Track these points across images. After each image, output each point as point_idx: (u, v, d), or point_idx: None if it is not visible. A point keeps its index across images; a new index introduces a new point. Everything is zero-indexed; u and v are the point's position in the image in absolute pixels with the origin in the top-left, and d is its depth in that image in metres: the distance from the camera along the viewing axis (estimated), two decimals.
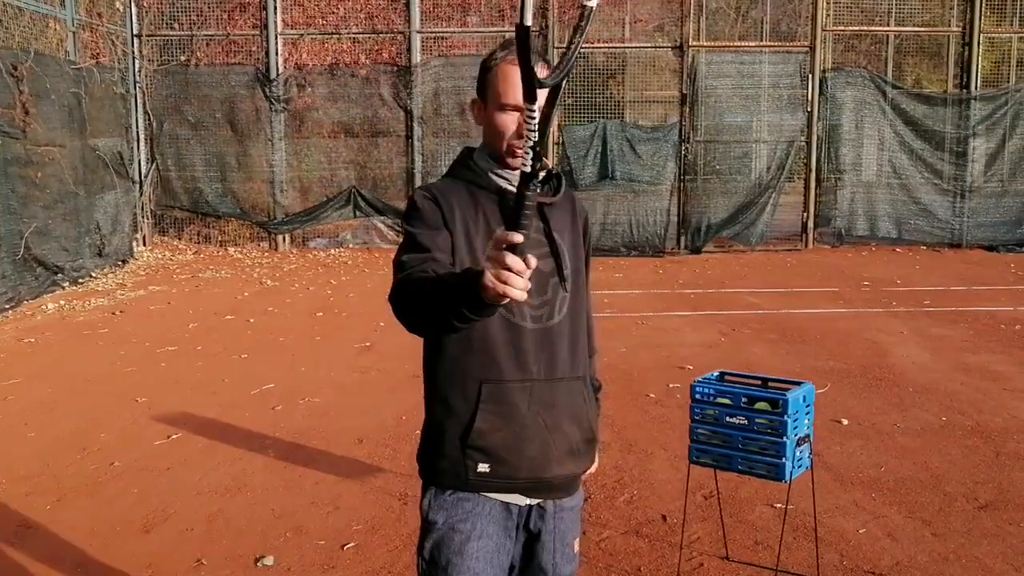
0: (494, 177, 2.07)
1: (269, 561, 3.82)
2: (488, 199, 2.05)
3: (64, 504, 4.46)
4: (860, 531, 4.05)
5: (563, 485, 2.12)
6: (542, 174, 1.65)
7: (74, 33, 11.32)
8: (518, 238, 1.55)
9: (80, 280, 10.76)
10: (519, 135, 1.99)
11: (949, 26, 14.07)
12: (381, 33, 13.36)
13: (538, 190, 1.60)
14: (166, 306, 9.58)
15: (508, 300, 1.56)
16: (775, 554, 3.73)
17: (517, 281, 1.54)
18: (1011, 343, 7.61)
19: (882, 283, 10.67)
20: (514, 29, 1.49)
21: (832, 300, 9.67)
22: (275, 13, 13.07)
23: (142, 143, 13.21)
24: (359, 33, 13.36)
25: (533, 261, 1.56)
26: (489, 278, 1.55)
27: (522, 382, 2.01)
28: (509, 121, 2.01)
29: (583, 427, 2.13)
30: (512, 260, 1.53)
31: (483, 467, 2.01)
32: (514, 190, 1.90)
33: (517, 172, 2.02)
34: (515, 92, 1.97)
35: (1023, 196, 13.79)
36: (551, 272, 2.07)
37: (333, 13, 13.34)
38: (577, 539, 2.20)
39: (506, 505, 2.06)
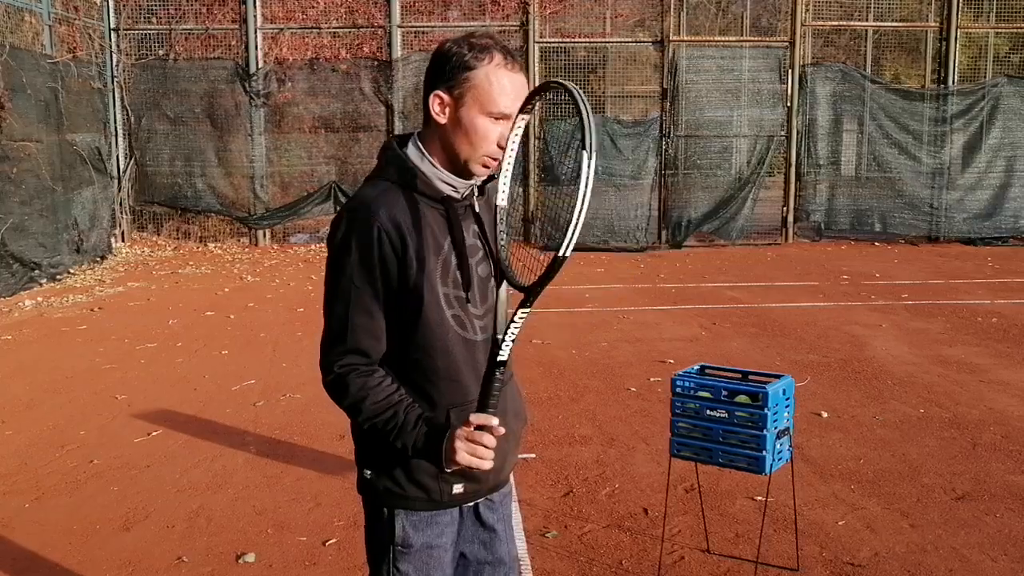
0: (439, 184, 1.93)
1: (251, 558, 3.81)
2: (431, 209, 1.92)
3: (42, 502, 4.42)
4: (839, 523, 4.08)
5: (508, 475, 2.18)
6: (505, 352, 1.80)
7: (50, 27, 11.21)
8: (494, 422, 1.77)
9: (58, 276, 10.67)
10: (500, 146, 1.87)
11: (927, 21, 14.17)
12: (361, 28, 13.31)
13: (503, 369, 1.80)
14: (145, 302, 9.52)
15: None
16: (755, 546, 3.76)
17: (488, 455, 1.78)
18: (988, 336, 7.68)
19: (861, 277, 10.75)
20: (490, 26, 1.52)
21: (811, 294, 9.74)
22: (254, 7, 13.00)
23: (120, 138, 13.12)
24: (339, 28, 13.31)
25: (501, 430, 1.78)
26: (464, 457, 1.77)
27: None
28: (493, 130, 1.87)
29: (520, 417, 2.18)
30: (488, 439, 1.76)
31: (458, 488, 2.00)
32: (458, 197, 1.96)
33: (470, 178, 1.95)
34: (508, 101, 1.85)
35: (1000, 190, 13.94)
36: (488, 276, 2.01)
37: (313, 7, 13.27)
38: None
39: (460, 508, 2.08)
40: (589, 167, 1.60)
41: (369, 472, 2.01)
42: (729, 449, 3.42)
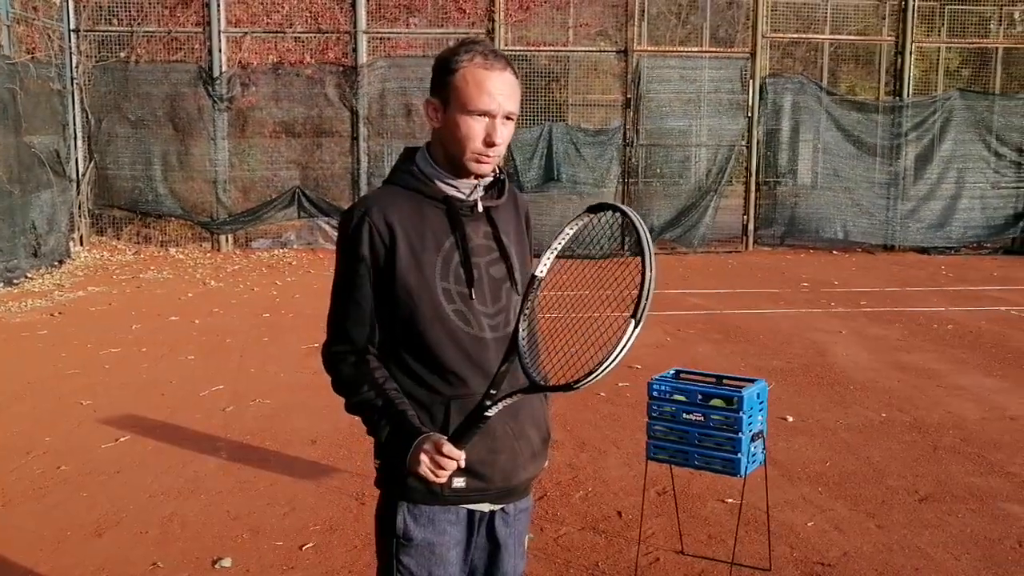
0: (441, 185, 2.01)
1: (227, 562, 3.80)
2: (434, 209, 2.00)
3: (10, 509, 4.36)
4: (808, 524, 4.18)
5: (524, 488, 2.16)
6: (491, 412, 1.85)
7: (8, 27, 11.01)
8: (461, 458, 1.86)
9: (15, 281, 10.47)
10: (487, 143, 1.94)
11: (882, 35, 14.51)
12: (326, 33, 13.28)
13: (490, 412, 1.85)
14: (107, 307, 9.39)
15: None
16: (728, 547, 3.84)
17: (444, 475, 1.88)
18: (944, 342, 7.89)
19: (820, 284, 10.96)
20: (455, 33, 1.58)
21: (773, 301, 9.91)
22: (218, 10, 12.88)
23: (79, 141, 12.91)
24: (304, 32, 13.25)
25: (462, 457, 1.86)
26: (423, 470, 1.87)
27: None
28: (477, 127, 1.93)
29: (541, 429, 2.16)
30: (449, 465, 1.86)
31: (459, 483, 2.00)
32: (462, 197, 2.02)
33: (470, 177, 2.01)
34: (487, 98, 1.92)
35: (951, 201, 14.28)
36: (503, 278, 2.06)
37: (277, 12, 13.21)
38: (527, 536, 2.24)
39: (471, 511, 2.09)
40: (631, 337, 1.80)
41: (378, 461, 2.07)
42: (705, 452, 3.50)
